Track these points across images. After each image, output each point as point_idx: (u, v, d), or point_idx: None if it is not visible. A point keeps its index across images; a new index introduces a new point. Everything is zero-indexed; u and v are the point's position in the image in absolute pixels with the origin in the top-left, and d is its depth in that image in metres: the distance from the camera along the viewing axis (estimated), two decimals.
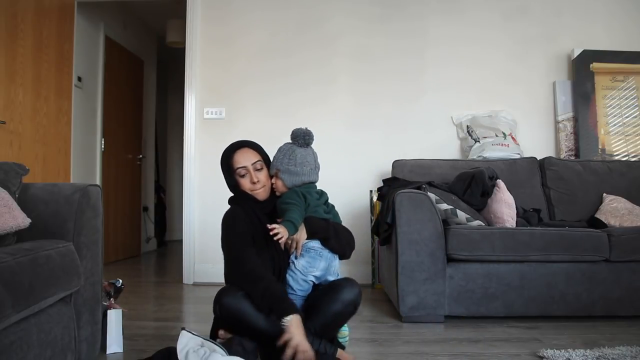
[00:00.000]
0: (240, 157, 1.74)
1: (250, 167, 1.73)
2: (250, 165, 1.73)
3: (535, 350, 1.89)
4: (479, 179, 2.59)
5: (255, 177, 1.72)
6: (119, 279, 2.10)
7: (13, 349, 1.24)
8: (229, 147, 1.80)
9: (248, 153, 1.76)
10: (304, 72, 3.61)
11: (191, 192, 3.57)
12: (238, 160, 1.74)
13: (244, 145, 1.79)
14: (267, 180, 1.76)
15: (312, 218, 1.70)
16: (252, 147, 1.79)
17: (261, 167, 1.75)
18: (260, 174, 1.75)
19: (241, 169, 1.72)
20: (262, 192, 1.74)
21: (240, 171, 1.73)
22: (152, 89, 5.63)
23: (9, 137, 2.95)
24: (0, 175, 1.60)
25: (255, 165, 1.74)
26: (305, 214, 1.69)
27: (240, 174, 1.73)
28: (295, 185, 1.74)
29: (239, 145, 1.79)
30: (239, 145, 1.79)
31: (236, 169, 1.73)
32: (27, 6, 3.11)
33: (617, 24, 3.61)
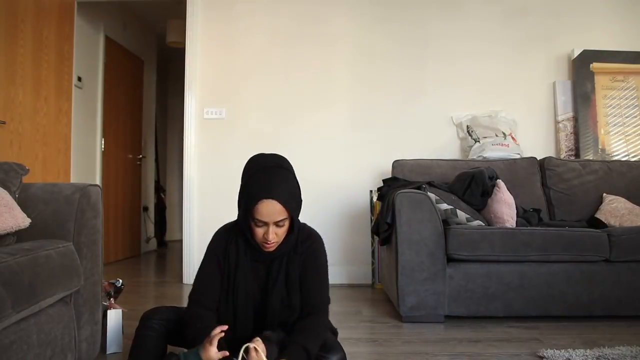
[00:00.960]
0: (264, 210, 1.41)
1: (271, 224, 1.43)
2: (272, 223, 1.43)
3: (535, 350, 1.89)
4: (479, 179, 2.59)
5: (271, 234, 1.44)
6: (119, 279, 2.10)
7: (13, 349, 1.24)
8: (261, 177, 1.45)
9: (275, 207, 1.41)
10: (305, 72, 3.61)
11: (191, 192, 3.57)
12: (261, 211, 1.41)
13: (274, 196, 1.41)
14: (283, 234, 1.48)
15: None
16: (283, 199, 1.42)
17: (283, 225, 1.45)
18: (279, 230, 1.45)
19: (260, 221, 1.43)
20: (272, 247, 1.48)
21: (257, 222, 1.44)
22: (152, 89, 5.63)
23: (9, 137, 2.95)
24: (0, 175, 1.60)
25: (278, 223, 1.44)
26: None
27: (258, 224, 1.44)
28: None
29: (271, 192, 1.41)
30: (271, 192, 1.41)
31: (255, 218, 1.43)
32: (27, 6, 3.11)
33: (617, 24, 3.61)
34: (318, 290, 1.53)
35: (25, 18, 3.08)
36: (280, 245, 1.50)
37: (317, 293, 1.53)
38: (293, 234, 1.52)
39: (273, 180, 1.44)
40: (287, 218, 1.45)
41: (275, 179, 1.45)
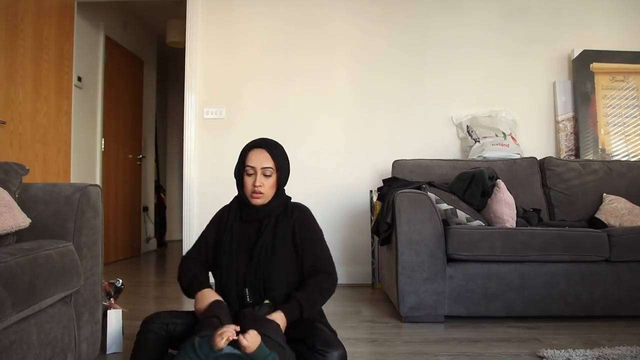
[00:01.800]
0: (254, 156, 1.67)
1: (259, 170, 1.65)
2: (259, 168, 1.65)
3: (535, 350, 1.89)
4: (479, 179, 2.59)
5: (259, 181, 1.63)
6: (119, 279, 2.10)
7: (13, 349, 1.24)
8: (251, 142, 1.75)
9: (263, 155, 1.67)
10: (305, 72, 3.61)
11: (191, 192, 3.57)
12: (250, 158, 1.67)
13: (263, 146, 1.70)
14: (270, 190, 1.66)
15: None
16: (271, 150, 1.69)
17: (270, 174, 1.65)
18: (266, 180, 1.65)
19: (249, 167, 1.66)
20: (260, 199, 1.65)
21: (248, 169, 1.66)
22: (152, 89, 5.63)
23: (9, 137, 2.95)
24: (0, 175, 1.60)
25: (265, 171, 1.65)
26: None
27: (248, 172, 1.66)
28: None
29: (259, 143, 1.72)
30: (259, 143, 1.72)
31: (245, 166, 1.67)
32: (27, 6, 3.11)
33: (617, 24, 3.61)
34: (322, 251, 1.67)
35: (25, 18, 3.08)
36: (269, 203, 1.67)
37: (321, 253, 1.66)
38: (281, 197, 1.70)
39: (264, 139, 1.76)
40: (273, 171, 1.65)
41: (266, 139, 1.75)
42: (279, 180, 1.68)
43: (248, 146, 1.73)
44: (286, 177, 1.72)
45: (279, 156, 1.69)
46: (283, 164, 1.70)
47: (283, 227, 1.66)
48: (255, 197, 1.64)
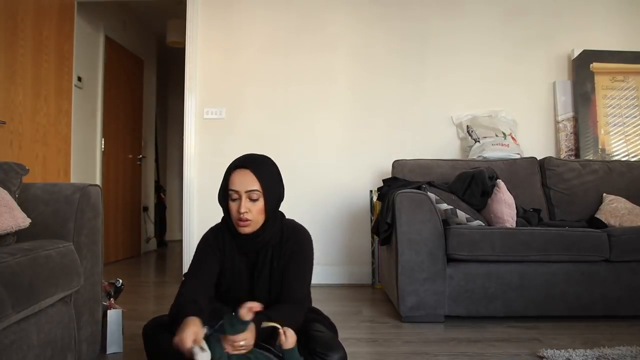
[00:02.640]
0: (236, 179, 1.49)
1: (244, 194, 1.47)
2: (243, 192, 1.47)
3: (535, 350, 1.89)
4: (479, 179, 2.59)
5: (244, 206, 1.46)
6: (119, 279, 2.10)
7: (13, 349, 1.24)
8: (234, 160, 1.56)
9: (247, 177, 1.48)
10: (305, 72, 3.61)
11: (191, 192, 3.57)
12: (233, 181, 1.49)
13: (247, 166, 1.50)
14: (258, 215, 1.49)
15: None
16: (256, 170, 1.50)
17: (257, 198, 1.48)
18: (253, 205, 1.48)
19: (233, 192, 1.49)
20: (248, 227, 1.50)
21: (232, 194, 1.49)
22: (152, 89, 5.63)
23: (9, 137, 2.95)
24: (0, 175, 1.60)
25: (251, 195, 1.47)
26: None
27: (232, 197, 1.49)
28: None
29: (241, 162, 1.52)
30: (242, 162, 1.52)
31: (229, 189, 1.50)
32: (27, 6, 3.10)
33: (617, 24, 3.61)
34: (295, 285, 1.53)
35: (25, 18, 3.08)
36: (262, 234, 1.52)
37: (292, 288, 1.53)
38: (274, 224, 1.55)
39: (250, 156, 1.56)
40: (260, 194, 1.48)
41: (253, 156, 1.56)
42: (267, 204, 1.50)
43: (231, 166, 1.54)
44: (276, 200, 1.55)
45: (266, 176, 1.51)
46: (271, 185, 1.52)
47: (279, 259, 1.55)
48: (243, 225, 1.49)
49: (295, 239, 1.58)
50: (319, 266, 3.44)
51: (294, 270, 1.54)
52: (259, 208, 1.49)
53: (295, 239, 1.58)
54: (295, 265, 1.55)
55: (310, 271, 1.59)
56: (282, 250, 1.56)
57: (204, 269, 1.55)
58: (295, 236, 1.58)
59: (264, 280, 1.55)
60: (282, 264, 1.55)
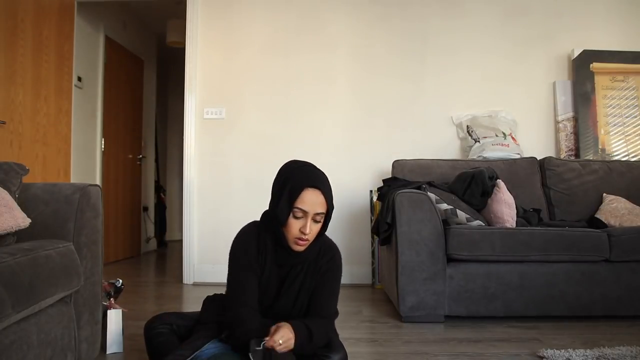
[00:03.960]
0: (308, 198, 1.42)
1: (311, 216, 1.43)
2: (312, 214, 1.43)
3: (535, 350, 1.89)
4: (479, 179, 2.59)
5: (309, 227, 1.42)
6: (119, 279, 2.10)
7: (13, 349, 1.24)
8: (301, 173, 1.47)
9: (319, 199, 1.43)
10: (305, 72, 3.61)
11: (191, 192, 3.57)
12: (304, 199, 1.41)
13: (319, 187, 1.44)
14: (315, 236, 1.48)
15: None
16: (326, 192, 1.45)
17: (320, 220, 1.46)
18: (315, 227, 1.45)
19: (299, 210, 1.42)
20: (303, 247, 1.47)
21: (296, 211, 1.42)
22: (152, 89, 5.63)
23: (9, 137, 2.95)
24: (0, 175, 1.60)
25: (316, 217, 1.44)
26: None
27: (296, 214, 1.43)
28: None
29: (314, 181, 1.44)
30: (315, 182, 1.44)
31: (295, 207, 1.42)
32: (27, 6, 3.11)
33: (617, 24, 3.61)
34: (328, 302, 1.53)
35: (25, 18, 3.08)
36: (308, 251, 1.49)
37: (326, 305, 1.53)
38: (319, 241, 1.51)
39: (318, 173, 1.50)
40: (324, 216, 1.45)
41: (320, 173, 1.51)
42: (325, 225, 1.49)
43: (300, 181, 1.44)
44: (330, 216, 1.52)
45: (330, 198, 1.47)
46: (331, 207, 1.49)
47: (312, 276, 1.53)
48: (301, 245, 1.45)
49: (330, 256, 1.55)
50: None
51: (328, 287, 1.53)
52: (318, 229, 1.47)
53: (330, 255, 1.55)
54: (329, 282, 1.53)
55: (339, 287, 1.58)
56: (316, 267, 1.53)
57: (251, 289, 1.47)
58: (329, 253, 1.56)
59: (291, 293, 1.52)
60: (314, 280, 1.53)
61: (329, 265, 1.54)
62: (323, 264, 1.53)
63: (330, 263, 1.54)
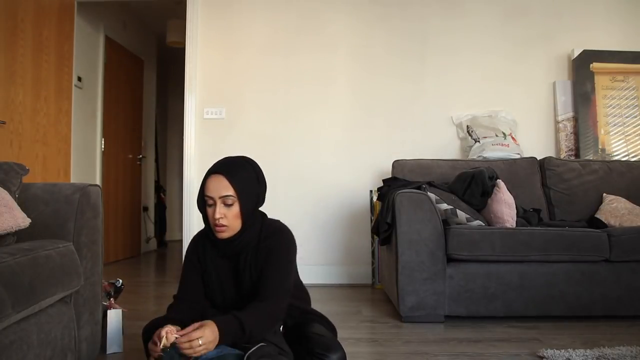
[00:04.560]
0: (211, 184, 1.48)
1: (218, 200, 1.46)
2: (217, 198, 1.46)
3: (535, 350, 1.89)
4: (479, 179, 2.59)
5: (218, 212, 1.45)
6: (119, 279, 2.10)
7: (13, 349, 1.24)
8: (211, 166, 1.55)
9: (222, 182, 1.46)
10: (304, 72, 3.61)
11: (191, 192, 3.57)
12: (208, 186, 1.48)
13: (220, 171, 1.49)
14: (234, 220, 1.48)
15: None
16: (229, 175, 1.47)
17: (231, 203, 1.46)
18: (228, 210, 1.46)
19: (208, 198, 1.48)
20: (225, 232, 1.48)
21: (207, 200, 1.48)
22: (152, 89, 5.63)
23: (9, 137, 2.95)
24: (0, 175, 1.60)
25: (225, 200, 1.46)
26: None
27: (208, 203, 1.49)
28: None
29: (216, 168, 1.52)
30: (216, 169, 1.51)
31: (205, 195, 1.49)
32: (27, 6, 3.11)
33: (617, 24, 3.61)
34: (271, 280, 1.49)
35: (25, 18, 3.08)
36: (239, 237, 1.50)
37: (270, 282, 1.48)
38: (252, 227, 1.52)
39: (225, 162, 1.54)
40: (235, 198, 1.46)
41: (226, 161, 1.54)
42: (242, 208, 1.48)
43: (207, 172, 1.53)
44: (253, 203, 1.53)
45: (240, 181, 1.48)
46: (246, 189, 1.49)
47: (257, 260, 1.53)
48: (219, 231, 1.48)
49: (273, 237, 1.55)
50: (319, 266, 3.47)
51: (270, 267, 1.51)
52: (235, 213, 1.47)
53: (273, 237, 1.55)
54: (271, 263, 1.51)
55: (288, 266, 1.53)
56: (259, 251, 1.53)
57: (189, 288, 1.58)
58: (272, 235, 1.55)
59: (247, 282, 1.53)
60: (260, 263, 1.52)
61: (271, 246, 1.53)
62: (264, 246, 1.53)
63: (272, 243, 1.53)
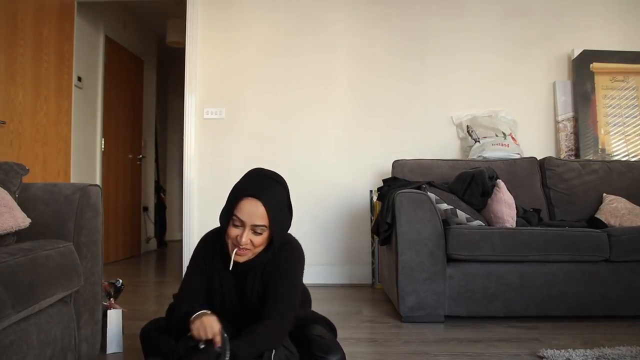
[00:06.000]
0: (245, 208, 1.39)
1: (248, 226, 1.40)
2: (249, 225, 1.40)
3: (535, 350, 1.89)
4: (479, 179, 2.59)
5: (245, 238, 1.39)
6: (119, 279, 2.10)
7: (13, 349, 1.24)
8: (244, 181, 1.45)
9: (258, 210, 1.38)
10: (305, 72, 3.61)
11: (191, 192, 3.57)
12: (242, 208, 1.39)
13: (259, 196, 1.39)
14: (259, 247, 1.43)
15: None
16: (267, 202, 1.39)
17: (261, 233, 1.41)
18: (255, 238, 1.41)
19: (238, 219, 1.40)
20: (243, 257, 1.43)
21: (235, 220, 1.41)
22: (152, 89, 5.63)
23: (9, 137, 2.95)
24: (0, 175, 1.60)
25: (255, 229, 1.40)
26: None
27: (234, 222, 1.41)
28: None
29: (254, 190, 1.40)
30: (254, 190, 1.40)
31: (234, 215, 1.41)
32: (27, 6, 3.10)
33: (617, 24, 3.61)
34: (277, 296, 1.45)
35: (25, 18, 3.08)
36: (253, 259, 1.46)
37: (275, 299, 1.45)
38: (270, 250, 1.46)
39: (263, 184, 1.44)
40: (266, 229, 1.40)
41: (266, 184, 1.44)
42: (271, 236, 1.43)
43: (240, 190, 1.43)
44: (282, 231, 1.46)
45: (276, 210, 1.41)
46: (279, 218, 1.43)
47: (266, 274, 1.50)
48: (239, 254, 1.42)
49: (281, 251, 1.50)
50: (319, 266, 3.47)
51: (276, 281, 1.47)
52: (261, 241, 1.42)
53: (281, 251, 1.50)
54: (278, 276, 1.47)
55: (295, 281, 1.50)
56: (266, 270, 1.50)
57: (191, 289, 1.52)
58: (281, 249, 1.50)
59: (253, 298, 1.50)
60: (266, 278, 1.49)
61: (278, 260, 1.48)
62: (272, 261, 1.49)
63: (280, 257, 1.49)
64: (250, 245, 1.41)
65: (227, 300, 1.53)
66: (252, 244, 1.41)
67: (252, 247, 1.42)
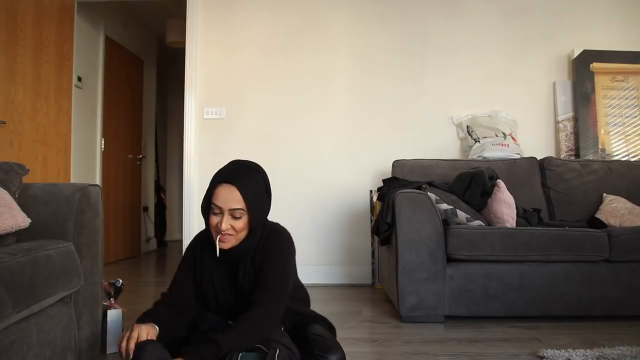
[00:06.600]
0: (221, 194, 1.42)
1: (227, 211, 1.42)
2: (227, 210, 1.42)
3: (535, 350, 1.89)
4: (479, 179, 2.59)
5: (225, 224, 1.42)
6: (119, 279, 2.09)
7: (13, 349, 1.24)
8: (220, 171, 1.49)
9: (233, 194, 1.42)
10: (305, 72, 3.61)
11: (191, 192, 3.57)
12: (217, 195, 1.43)
13: (233, 181, 1.43)
14: (241, 232, 1.45)
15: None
16: (242, 187, 1.42)
17: (240, 216, 1.43)
18: (236, 223, 1.43)
19: (215, 206, 1.43)
20: (227, 243, 1.45)
21: (214, 209, 1.44)
22: (152, 89, 5.63)
23: (9, 137, 2.95)
24: (0, 175, 1.60)
25: (234, 213, 1.42)
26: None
27: (214, 211, 1.44)
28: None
29: (228, 176, 1.45)
30: (228, 176, 1.45)
31: (212, 203, 1.44)
32: (27, 6, 3.10)
33: (617, 24, 3.61)
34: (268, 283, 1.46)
35: (25, 18, 3.08)
36: (240, 246, 1.48)
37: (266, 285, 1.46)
38: (255, 236, 1.49)
39: (238, 170, 1.48)
40: (245, 212, 1.43)
41: (241, 170, 1.48)
42: (251, 220, 1.45)
43: (217, 177, 1.46)
44: (262, 215, 1.49)
45: (253, 193, 1.44)
46: (257, 202, 1.46)
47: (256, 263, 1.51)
48: (223, 241, 1.44)
49: (269, 239, 1.52)
50: (319, 266, 3.47)
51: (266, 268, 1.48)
52: (242, 225, 1.45)
53: (270, 238, 1.52)
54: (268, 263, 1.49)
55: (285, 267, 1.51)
56: (256, 258, 1.51)
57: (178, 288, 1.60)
58: (269, 236, 1.52)
59: (246, 288, 1.51)
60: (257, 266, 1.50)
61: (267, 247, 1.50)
62: (261, 249, 1.51)
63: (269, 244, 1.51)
64: (232, 231, 1.44)
65: (221, 295, 1.54)
66: (233, 229, 1.44)
67: (235, 233, 1.45)
